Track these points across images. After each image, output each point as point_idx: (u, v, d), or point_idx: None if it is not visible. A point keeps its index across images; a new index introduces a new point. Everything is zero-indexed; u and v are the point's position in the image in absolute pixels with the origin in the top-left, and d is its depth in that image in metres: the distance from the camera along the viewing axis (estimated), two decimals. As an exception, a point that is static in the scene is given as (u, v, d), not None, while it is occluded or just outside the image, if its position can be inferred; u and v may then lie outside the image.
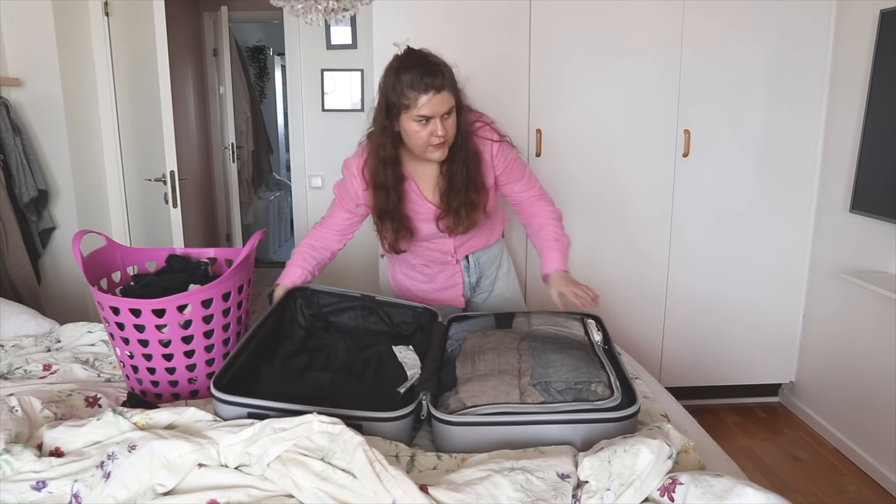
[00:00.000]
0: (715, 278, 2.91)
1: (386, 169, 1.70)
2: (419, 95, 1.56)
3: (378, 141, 1.69)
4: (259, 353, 1.50)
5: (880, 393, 2.44)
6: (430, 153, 1.66)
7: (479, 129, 1.75)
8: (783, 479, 2.48)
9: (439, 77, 1.56)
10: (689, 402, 2.61)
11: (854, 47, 2.60)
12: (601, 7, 2.65)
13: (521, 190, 1.87)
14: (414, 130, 1.61)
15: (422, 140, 1.62)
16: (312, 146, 3.43)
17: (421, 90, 1.55)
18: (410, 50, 1.63)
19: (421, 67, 1.56)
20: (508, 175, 1.82)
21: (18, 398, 1.29)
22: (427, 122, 1.59)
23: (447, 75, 1.59)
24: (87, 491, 1.08)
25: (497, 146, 1.76)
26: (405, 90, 1.57)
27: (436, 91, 1.56)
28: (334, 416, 1.14)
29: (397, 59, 1.62)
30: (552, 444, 1.21)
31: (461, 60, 2.67)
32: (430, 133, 1.61)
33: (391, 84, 1.60)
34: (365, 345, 1.66)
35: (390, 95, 1.60)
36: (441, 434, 1.27)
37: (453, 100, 1.61)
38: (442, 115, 1.59)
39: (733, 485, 1.00)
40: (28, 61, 2.69)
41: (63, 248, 2.84)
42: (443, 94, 1.57)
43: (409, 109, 1.58)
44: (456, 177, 1.72)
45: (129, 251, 1.73)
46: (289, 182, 5.43)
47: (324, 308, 1.76)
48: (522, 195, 1.88)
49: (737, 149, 2.80)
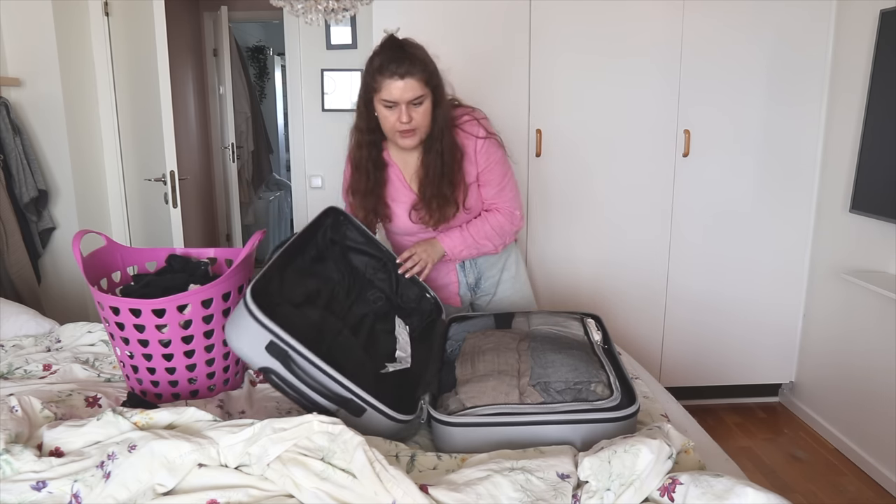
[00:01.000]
0: (715, 278, 2.91)
1: (362, 150, 1.76)
2: (384, 80, 1.61)
3: (357, 123, 1.76)
4: (284, 259, 1.48)
5: (880, 393, 2.44)
6: (399, 139, 1.70)
7: (465, 124, 1.76)
8: (783, 479, 2.48)
9: (406, 64, 1.60)
10: (689, 402, 2.61)
11: (854, 47, 2.60)
12: (601, 7, 2.65)
13: (490, 195, 1.84)
14: (383, 115, 1.68)
15: (389, 124, 1.68)
16: (312, 146, 3.42)
17: (386, 75, 1.61)
18: (390, 37, 1.66)
19: (390, 53, 1.62)
20: (486, 175, 1.81)
21: (18, 398, 1.29)
22: (393, 107, 1.64)
23: (417, 64, 1.62)
24: (87, 491, 1.08)
25: (482, 142, 1.77)
26: (374, 74, 1.63)
27: (400, 77, 1.60)
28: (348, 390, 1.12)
29: (379, 44, 1.67)
30: (552, 444, 1.21)
31: (461, 60, 2.69)
32: (396, 118, 1.65)
33: (367, 67, 1.67)
34: (366, 298, 1.65)
35: (366, 77, 1.68)
36: (441, 435, 1.27)
37: (424, 89, 1.63)
38: (408, 102, 1.63)
39: (733, 485, 1.00)
40: (28, 61, 2.69)
41: (63, 248, 2.84)
42: (408, 80, 1.60)
43: (377, 93, 1.64)
44: (430, 168, 1.74)
45: (129, 251, 1.72)
46: (289, 182, 5.42)
47: (347, 240, 1.74)
48: (489, 201, 1.85)
49: (737, 149, 2.80)
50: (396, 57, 1.60)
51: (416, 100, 1.63)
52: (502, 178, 1.83)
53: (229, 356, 1.57)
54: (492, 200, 1.85)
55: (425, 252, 1.79)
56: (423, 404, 1.31)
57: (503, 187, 1.84)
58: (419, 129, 1.68)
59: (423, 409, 1.31)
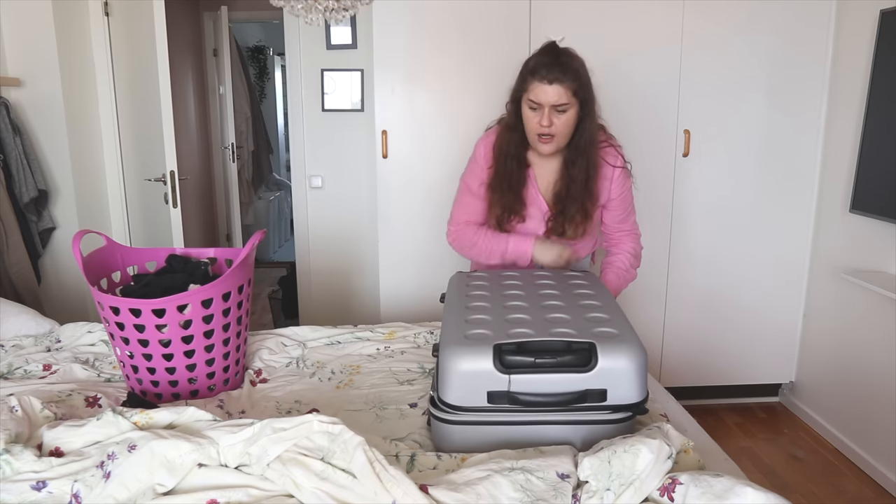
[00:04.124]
0: (715, 278, 2.91)
1: (511, 146, 1.78)
2: (534, 81, 1.65)
3: (506, 120, 1.80)
4: None
5: (880, 393, 2.44)
6: (537, 143, 1.73)
7: (604, 150, 1.80)
8: (783, 479, 2.49)
9: (556, 70, 1.63)
10: (689, 402, 2.61)
11: (854, 48, 2.60)
12: (601, 7, 2.65)
13: (616, 220, 1.91)
14: (527, 115, 1.71)
15: (531, 126, 1.71)
16: (312, 146, 3.43)
17: (537, 77, 1.65)
18: (550, 43, 1.70)
19: (546, 57, 1.66)
20: (616, 202, 1.86)
21: (18, 398, 1.29)
22: (537, 109, 1.67)
23: (569, 73, 1.65)
24: (87, 491, 1.08)
25: (618, 171, 1.82)
26: (527, 74, 1.68)
27: (549, 82, 1.63)
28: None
29: (539, 48, 1.72)
30: (552, 444, 1.22)
31: (461, 60, 2.69)
32: (537, 120, 1.68)
33: (522, 68, 1.72)
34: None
35: (519, 77, 1.73)
36: (440, 433, 1.27)
37: (570, 98, 1.66)
38: (552, 107, 1.65)
39: (733, 484, 1.00)
40: (28, 61, 2.69)
41: (63, 248, 2.84)
42: (556, 86, 1.63)
43: (525, 92, 1.69)
44: (575, 182, 1.77)
45: (129, 251, 1.73)
46: (289, 182, 5.43)
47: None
48: (615, 225, 1.92)
49: (737, 149, 2.80)
50: (550, 62, 1.64)
51: (560, 106, 1.66)
52: (629, 204, 1.91)
53: (229, 356, 1.57)
54: (618, 224, 1.92)
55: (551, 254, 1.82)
56: (433, 394, 1.30)
57: (629, 212, 1.92)
58: (558, 136, 1.71)
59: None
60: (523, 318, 1.37)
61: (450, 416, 1.24)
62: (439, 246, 2.46)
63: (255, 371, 1.72)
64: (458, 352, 1.23)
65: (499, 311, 1.41)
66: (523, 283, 1.60)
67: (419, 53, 2.67)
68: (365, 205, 3.41)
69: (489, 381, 1.21)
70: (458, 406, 1.23)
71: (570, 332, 1.28)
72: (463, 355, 1.22)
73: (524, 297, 1.50)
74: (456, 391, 1.22)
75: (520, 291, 1.54)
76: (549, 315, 1.38)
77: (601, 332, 1.28)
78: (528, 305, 1.45)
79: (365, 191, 3.40)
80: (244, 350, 1.67)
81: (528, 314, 1.39)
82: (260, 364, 1.76)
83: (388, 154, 2.74)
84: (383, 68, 2.68)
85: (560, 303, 1.46)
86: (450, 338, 1.29)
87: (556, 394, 1.21)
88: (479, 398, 1.22)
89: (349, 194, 3.43)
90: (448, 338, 1.29)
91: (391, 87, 2.69)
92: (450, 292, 1.58)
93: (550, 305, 1.44)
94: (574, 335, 1.26)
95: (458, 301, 1.49)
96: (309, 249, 3.49)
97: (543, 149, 1.74)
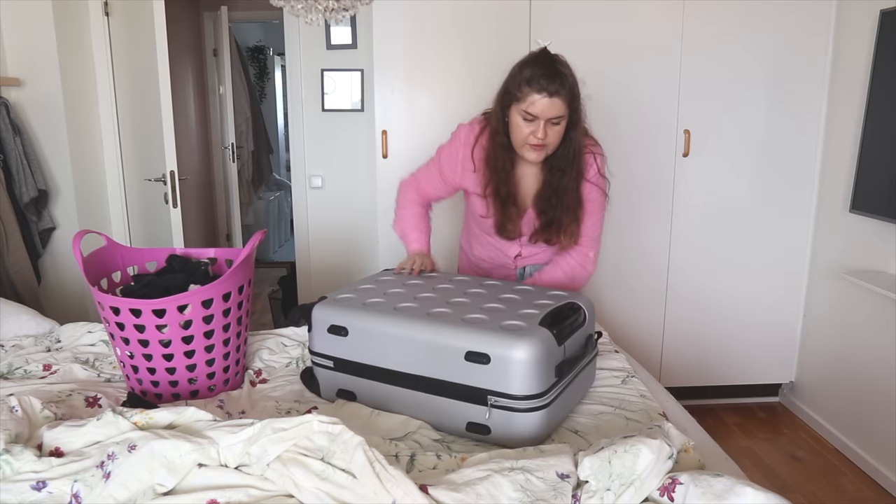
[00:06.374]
0: (715, 278, 2.91)
1: (506, 161, 1.73)
2: (531, 93, 1.59)
3: (494, 125, 1.73)
4: None
5: (880, 393, 2.43)
6: (526, 151, 1.68)
7: (585, 160, 1.75)
8: (783, 479, 2.48)
9: (557, 82, 1.58)
10: (689, 402, 2.61)
11: (854, 48, 2.60)
12: (601, 7, 2.65)
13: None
14: (517, 124, 1.65)
15: (522, 136, 1.65)
16: (312, 146, 3.43)
17: (535, 88, 1.58)
18: (544, 50, 1.65)
19: (543, 67, 1.60)
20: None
21: (18, 398, 1.29)
22: (532, 121, 1.62)
23: (567, 85, 1.60)
24: (87, 491, 1.08)
25: (589, 185, 1.76)
26: (522, 84, 1.61)
27: (549, 94, 1.58)
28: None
29: (530, 54, 1.66)
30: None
31: (461, 60, 2.69)
32: (531, 132, 1.64)
33: (514, 74, 1.66)
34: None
35: (510, 84, 1.66)
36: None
37: (566, 110, 1.62)
38: (548, 119, 1.61)
39: (733, 484, 1.00)
40: (28, 61, 2.69)
41: (63, 248, 2.84)
42: (555, 99, 1.58)
43: (519, 102, 1.62)
44: (567, 192, 1.73)
45: (129, 251, 1.73)
46: (289, 182, 5.42)
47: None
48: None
49: (737, 149, 2.80)
50: (549, 73, 1.58)
51: (555, 119, 1.62)
52: (591, 218, 1.81)
53: (229, 356, 1.57)
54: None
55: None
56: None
57: (588, 226, 1.82)
58: (549, 146, 1.67)
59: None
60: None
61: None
62: (439, 246, 2.46)
63: (255, 371, 1.71)
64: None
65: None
66: (455, 287, 1.64)
67: (419, 53, 2.67)
68: (365, 205, 3.41)
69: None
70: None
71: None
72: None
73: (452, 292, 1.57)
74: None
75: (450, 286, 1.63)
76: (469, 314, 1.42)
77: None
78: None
79: (365, 191, 3.40)
80: (244, 350, 1.67)
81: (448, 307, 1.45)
82: (260, 364, 1.76)
83: (388, 154, 2.74)
84: (383, 68, 2.68)
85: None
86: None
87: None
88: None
89: (349, 194, 3.43)
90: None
91: (391, 87, 2.70)
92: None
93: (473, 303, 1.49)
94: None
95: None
96: (309, 249, 3.49)
97: (532, 157, 1.69)
